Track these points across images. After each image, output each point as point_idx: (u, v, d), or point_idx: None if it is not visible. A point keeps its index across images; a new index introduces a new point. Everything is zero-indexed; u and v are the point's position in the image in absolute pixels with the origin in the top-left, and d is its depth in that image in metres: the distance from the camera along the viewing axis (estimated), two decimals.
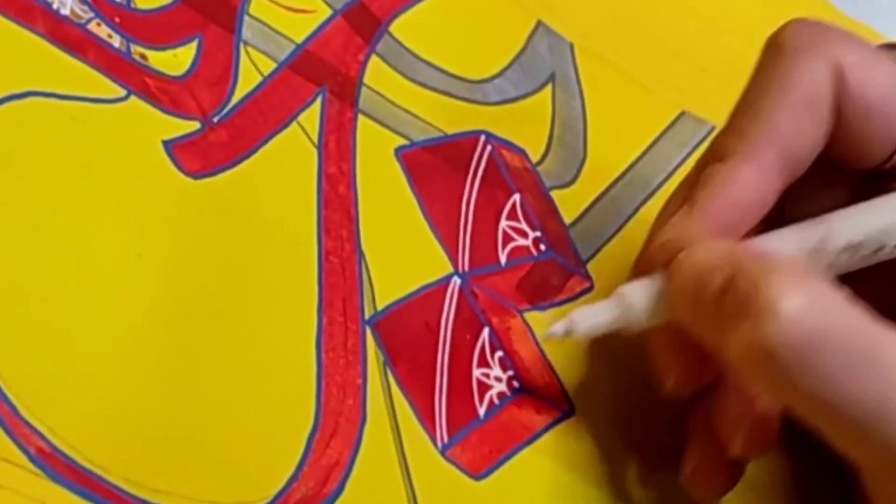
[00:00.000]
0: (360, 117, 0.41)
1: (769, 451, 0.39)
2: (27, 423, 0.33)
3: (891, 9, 0.51)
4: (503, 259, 0.42)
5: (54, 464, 0.33)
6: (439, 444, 0.38)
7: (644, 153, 0.46)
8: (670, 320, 0.37)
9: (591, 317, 0.37)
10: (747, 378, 0.35)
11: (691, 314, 0.36)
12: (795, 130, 0.37)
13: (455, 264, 0.41)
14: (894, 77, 0.38)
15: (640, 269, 0.39)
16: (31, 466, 0.33)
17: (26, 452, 0.33)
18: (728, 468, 0.39)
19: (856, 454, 0.34)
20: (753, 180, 0.37)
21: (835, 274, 0.37)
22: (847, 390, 0.32)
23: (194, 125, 0.39)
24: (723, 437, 0.38)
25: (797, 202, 0.39)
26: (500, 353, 0.40)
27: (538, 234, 0.43)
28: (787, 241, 0.37)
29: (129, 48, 0.39)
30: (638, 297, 0.37)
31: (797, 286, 0.33)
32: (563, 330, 0.37)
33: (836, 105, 0.37)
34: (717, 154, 0.38)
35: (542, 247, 0.43)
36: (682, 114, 0.46)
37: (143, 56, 0.39)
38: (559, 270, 0.42)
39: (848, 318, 0.33)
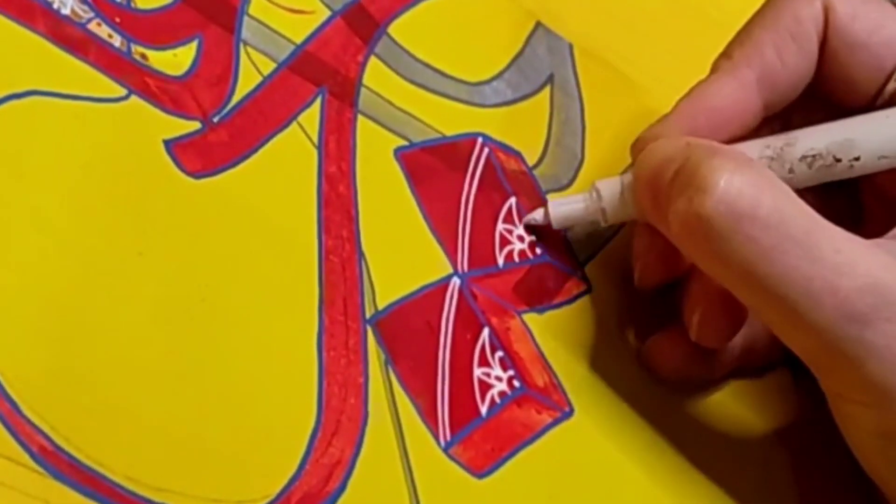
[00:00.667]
0: (360, 118, 0.41)
1: (724, 340, 0.40)
2: (29, 422, 0.33)
3: None
4: (500, 261, 0.42)
5: (57, 462, 0.33)
6: (441, 442, 0.38)
7: None
8: (637, 213, 0.39)
9: (566, 204, 0.41)
10: (685, 250, 0.37)
11: (649, 201, 0.37)
12: (778, 55, 0.39)
13: (454, 265, 0.41)
14: (882, 14, 0.39)
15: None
16: (33, 465, 0.33)
17: (29, 451, 0.33)
18: (688, 354, 0.40)
19: (793, 342, 0.35)
20: (729, 91, 0.39)
21: (797, 184, 0.37)
22: (776, 266, 0.34)
23: (195, 125, 0.39)
24: (685, 319, 0.40)
25: None
26: (500, 353, 0.40)
27: (534, 237, 0.43)
28: (751, 149, 0.38)
29: (129, 48, 0.39)
30: (608, 190, 0.40)
31: (737, 166, 0.34)
32: (541, 216, 0.41)
33: (823, 38, 0.39)
34: (709, 73, 0.40)
35: (538, 250, 0.43)
36: None
37: (143, 56, 0.39)
38: (555, 274, 0.43)
39: (785, 204, 0.34)
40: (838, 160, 0.37)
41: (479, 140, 0.43)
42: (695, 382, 0.42)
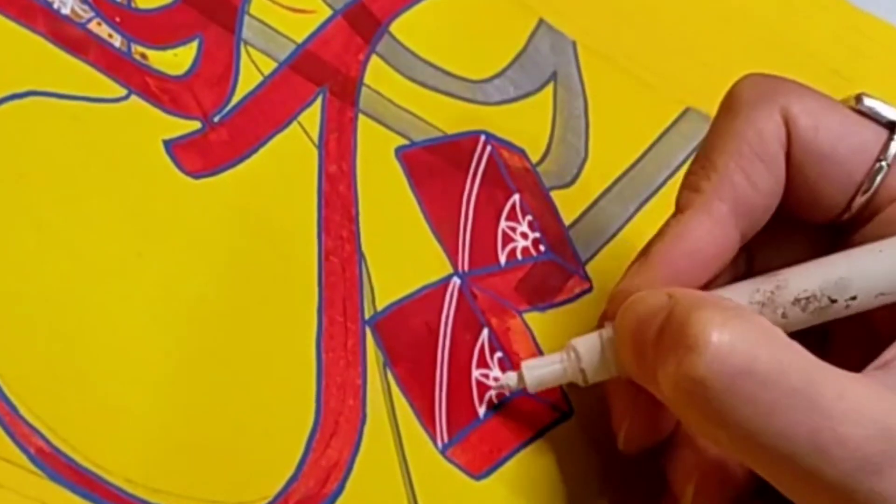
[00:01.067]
0: (361, 117, 0.41)
1: None
2: (27, 423, 0.33)
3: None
4: (503, 259, 0.42)
5: (54, 464, 0.33)
6: (439, 443, 0.38)
7: (647, 151, 0.46)
8: (619, 372, 0.37)
9: (541, 367, 0.38)
10: (680, 413, 0.35)
11: (633, 360, 0.36)
12: (748, 181, 0.37)
13: (455, 264, 0.41)
14: (846, 123, 0.38)
15: (599, 322, 0.39)
16: (31, 466, 0.33)
17: (26, 452, 0.33)
18: None
19: (800, 496, 0.34)
20: (706, 230, 0.37)
21: (790, 328, 0.36)
22: (778, 424, 0.32)
23: (195, 125, 0.39)
24: (675, 490, 0.38)
25: (764, 261, 0.39)
26: (499, 354, 0.40)
27: (537, 234, 0.43)
28: (740, 294, 0.37)
29: (129, 48, 0.39)
30: (586, 348, 0.38)
31: (727, 319, 0.33)
32: (514, 382, 0.38)
33: (788, 153, 0.37)
34: (675, 210, 0.38)
35: (542, 248, 0.43)
36: (686, 110, 0.47)
37: (143, 55, 0.39)
38: (558, 271, 0.43)
39: (781, 353, 0.33)
40: (834, 301, 0.36)
41: (482, 138, 0.43)
42: None
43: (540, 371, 0.38)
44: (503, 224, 0.42)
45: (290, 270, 0.38)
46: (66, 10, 0.38)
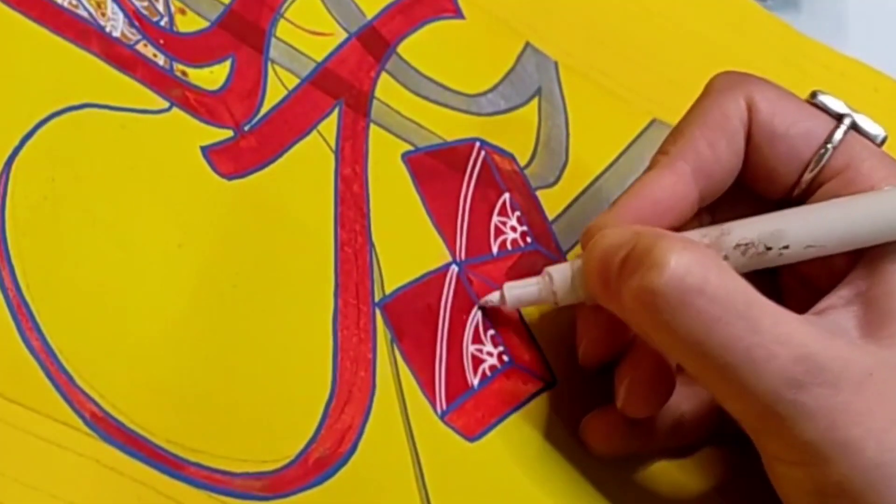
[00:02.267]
0: (372, 126, 0.41)
1: (650, 410, 0.38)
2: (82, 391, 0.33)
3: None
4: (495, 249, 0.41)
5: (106, 427, 0.33)
6: (439, 410, 0.38)
7: (620, 156, 0.45)
8: (586, 297, 0.38)
9: (520, 288, 0.39)
10: (636, 323, 0.35)
11: (599, 284, 0.36)
12: (710, 148, 0.38)
13: (453, 254, 0.41)
14: (800, 111, 0.38)
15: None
16: (86, 429, 0.33)
17: (82, 417, 0.33)
18: (622, 429, 0.39)
19: (733, 407, 0.34)
20: (667, 184, 0.38)
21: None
22: (719, 337, 0.33)
23: (228, 133, 0.39)
24: (615, 391, 0.39)
25: None
26: (491, 332, 0.40)
27: (525, 228, 0.42)
28: (689, 237, 0.37)
29: (171, 66, 0.38)
30: (559, 274, 0.38)
31: (685, 246, 0.33)
32: (497, 298, 0.39)
33: (749, 130, 0.38)
34: (647, 168, 0.39)
35: (529, 239, 0.42)
36: (654, 121, 0.46)
37: (183, 73, 0.39)
38: (543, 260, 0.42)
39: (729, 280, 0.33)
40: (769, 248, 0.36)
41: (477, 144, 0.43)
42: (626, 458, 0.40)
43: (518, 291, 0.39)
44: (495, 219, 0.42)
45: (310, 259, 0.38)
46: (116, 34, 0.38)
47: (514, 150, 0.44)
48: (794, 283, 0.38)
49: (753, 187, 0.39)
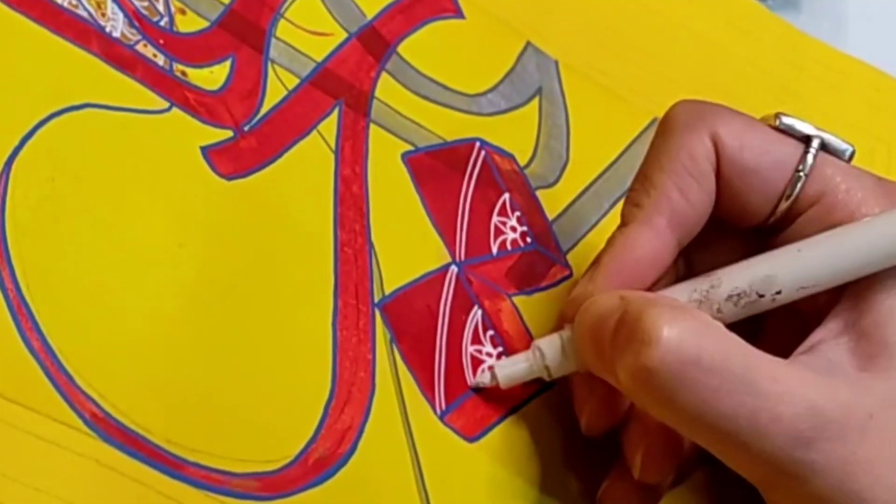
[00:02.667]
0: (372, 126, 0.41)
1: (666, 477, 0.38)
2: (82, 391, 0.33)
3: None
4: (494, 250, 0.41)
5: (106, 427, 0.33)
6: (438, 410, 0.38)
7: (620, 155, 0.45)
8: (579, 367, 0.37)
9: (510, 366, 0.38)
10: (636, 399, 0.35)
11: (592, 355, 0.36)
12: (682, 195, 0.37)
13: (453, 254, 0.40)
14: (767, 140, 0.37)
15: (558, 324, 0.39)
16: (86, 429, 0.33)
17: (82, 417, 0.33)
18: (639, 494, 0.38)
19: (742, 469, 0.34)
20: (647, 241, 0.37)
21: (725, 321, 0.36)
22: (721, 407, 0.32)
23: (228, 133, 0.38)
24: (628, 460, 0.38)
25: (701, 262, 0.38)
26: (491, 332, 0.40)
27: (525, 228, 0.42)
28: (679, 293, 0.36)
29: (171, 66, 0.38)
30: (549, 348, 0.38)
31: (675, 315, 0.33)
32: (489, 379, 0.38)
33: (718, 170, 0.37)
34: (620, 224, 0.38)
35: (529, 239, 0.42)
36: (654, 121, 0.46)
37: (183, 73, 0.38)
38: (543, 260, 0.42)
39: (723, 344, 0.33)
40: (762, 295, 0.36)
41: (477, 144, 0.43)
42: None
43: (510, 370, 0.38)
44: (495, 219, 0.42)
45: (310, 259, 0.38)
46: (116, 34, 0.38)
47: (514, 150, 0.44)
48: (779, 315, 0.37)
49: (726, 220, 0.38)
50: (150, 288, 0.35)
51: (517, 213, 0.42)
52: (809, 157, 0.37)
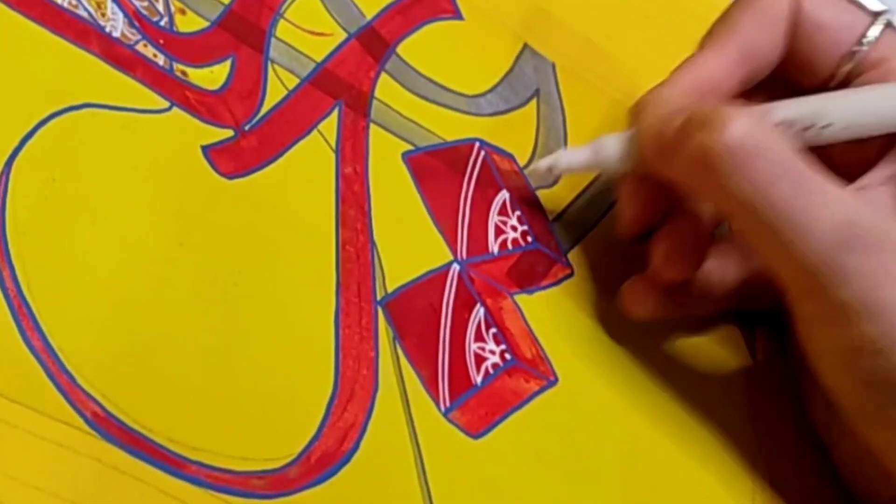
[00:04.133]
0: (372, 126, 0.41)
1: (684, 274, 0.40)
2: (84, 391, 0.33)
3: None
4: (495, 249, 0.41)
5: (107, 426, 0.33)
6: (442, 407, 0.38)
7: None
8: (638, 164, 0.39)
9: (573, 155, 0.40)
10: (690, 186, 0.37)
11: (653, 150, 0.37)
12: (754, 32, 0.39)
13: (454, 253, 0.40)
14: (839, 6, 0.39)
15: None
16: (87, 429, 0.33)
17: (83, 416, 0.33)
18: (658, 294, 0.40)
19: (777, 264, 0.36)
20: (715, 63, 0.39)
21: None
22: (773, 198, 0.34)
23: (228, 132, 0.38)
24: (651, 256, 0.40)
25: None
26: (493, 330, 0.40)
27: (525, 227, 0.42)
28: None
29: (171, 66, 0.38)
30: (612, 142, 0.39)
31: (747, 114, 0.35)
32: (547, 165, 0.40)
33: (792, 19, 0.39)
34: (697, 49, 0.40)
35: (529, 238, 0.42)
36: None
37: (184, 73, 0.38)
38: (544, 259, 0.42)
39: (784, 146, 0.35)
40: (811, 126, 0.37)
41: (477, 144, 0.43)
42: (662, 321, 0.42)
43: (570, 157, 0.41)
44: (496, 218, 0.42)
45: (312, 258, 0.38)
46: (116, 34, 0.38)
47: (513, 151, 0.44)
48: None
49: (790, 77, 0.40)
50: (152, 287, 0.35)
51: (517, 213, 0.42)
52: (873, 29, 0.39)
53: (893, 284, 0.34)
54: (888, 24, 0.39)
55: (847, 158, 0.39)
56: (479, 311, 0.40)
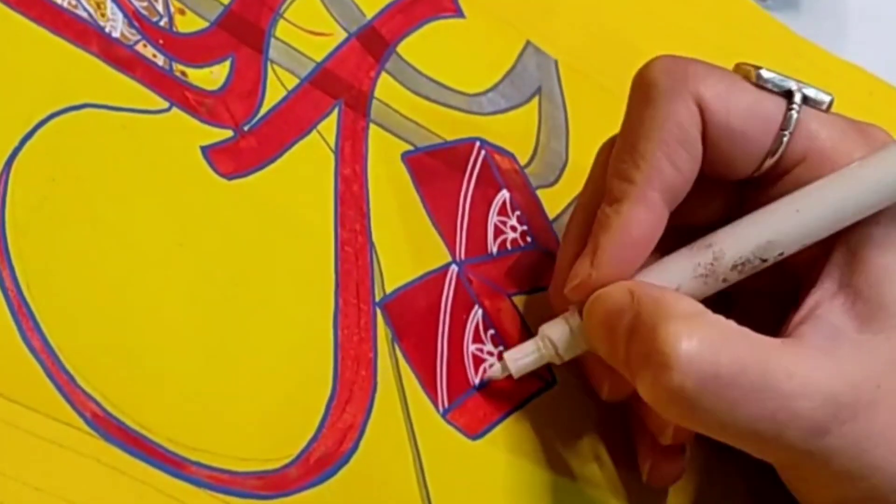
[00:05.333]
0: (372, 126, 0.41)
1: (676, 481, 0.40)
2: (83, 391, 0.33)
3: None
4: (494, 249, 0.42)
5: (107, 426, 0.33)
6: (440, 408, 0.38)
7: None
8: (590, 350, 0.38)
9: (522, 357, 0.38)
10: (661, 413, 0.35)
11: (606, 350, 0.36)
12: (673, 166, 0.37)
13: (453, 254, 0.41)
14: (750, 101, 0.37)
15: (557, 304, 0.39)
16: (87, 429, 0.33)
17: (83, 417, 0.33)
18: (677, 456, 0.39)
19: (763, 456, 0.35)
20: (645, 219, 0.37)
21: (728, 285, 0.37)
22: (744, 414, 0.33)
23: (228, 133, 0.39)
24: (654, 430, 0.39)
25: (682, 211, 0.38)
26: (491, 331, 0.40)
27: (525, 227, 0.43)
28: (682, 268, 0.37)
29: (171, 66, 0.39)
30: (558, 335, 0.38)
31: (690, 330, 0.33)
32: (499, 372, 0.39)
33: (704, 135, 0.37)
34: (611, 198, 0.38)
35: (529, 239, 0.43)
36: None
37: (183, 73, 0.39)
38: (543, 259, 0.42)
39: (738, 352, 0.34)
40: (765, 260, 0.36)
41: (477, 144, 0.43)
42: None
43: (522, 361, 0.38)
44: (495, 218, 0.42)
45: (310, 259, 0.38)
46: (116, 34, 0.38)
47: (514, 150, 0.44)
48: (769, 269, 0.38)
49: (710, 176, 0.38)
50: (151, 287, 0.35)
51: (517, 213, 0.43)
52: (793, 114, 0.37)
53: (877, 444, 0.34)
54: (804, 101, 0.37)
55: (791, 257, 0.37)
56: (477, 313, 0.40)
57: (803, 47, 0.50)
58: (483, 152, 0.43)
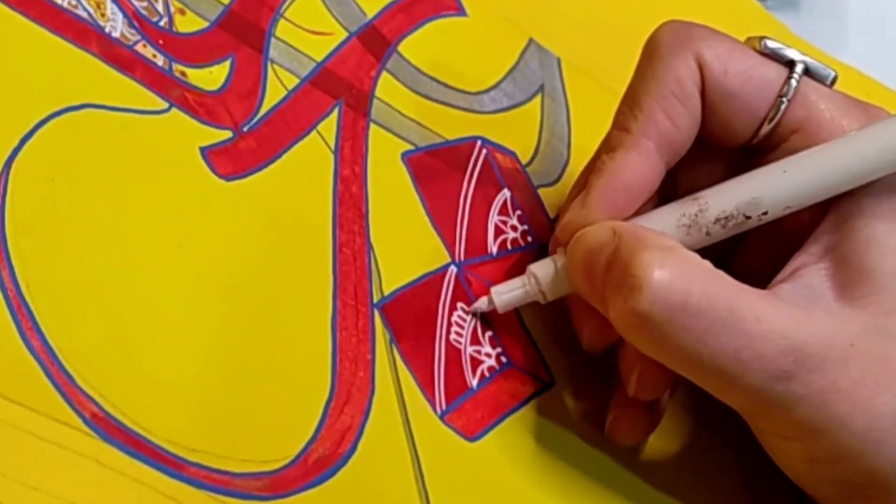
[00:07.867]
0: (372, 126, 0.41)
1: (661, 393, 0.40)
2: (82, 391, 0.33)
3: None
4: (494, 250, 0.42)
5: (106, 427, 0.33)
6: (438, 410, 0.38)
7: None
8: (573, 291, 0.38)
9: (507, 292, 0.39)
10: (627, 339, 0.37)
11: (585, 287, 0.37)
12: (669, 120, 0.38)
13: (452, 254, 0.41)
14: (750, 64, 0.38)
15: (552, 248, 0.40)
16: (86, 429, 0.33)
17: (82, 417, 0.33)
18: (643, 414, 0.40)
19: (726, 399, 0.36)
20: (637, 166, 0.38)
21: (713, 241, 0.38)
22: (708, 347, 0.34)
23: (227, 134, 0.39)
24: (623, 379, 0.39)
25: (685, 179, 0.40)
26: (490, 333, 0.40)
27: (526, 227, 0.43)
28: (667, 218, 0.38)
29: (171, 66, 0.39)
30: (544, 273, 0.39)
31: (664, 259, 0.35)
32: (485, 304, 0.40)
33: (703, 93, 0.38)
34: (607, 146, 0.39)
35: (529, 238, 0.43)
36: None
37: (183, 73, 0.39)
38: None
39: (709, 286, 0.35)
40: (748, 217, 0.37)
41: (478, 143, 0.43)
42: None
43: (507, 296, 0.40)
44: (496, 218, 0.42)
45: (309, 260, 0.38)
46: (116, 34, 0.38)
47: (516, 148, 0.44)
48: (762, 228, 0.39)
49: (710, 141, 0.39)
50: (150, 288, 0.36)
51: (518, 212, 0.43)
52: (793, 82, 0.38)
53: (842, 400, 0.35)
54: (805, 73, 0.38)
55: (783, 221, 0.38)
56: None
57: (802, 48, 0.50)
58: (484, 151, 0.43)
